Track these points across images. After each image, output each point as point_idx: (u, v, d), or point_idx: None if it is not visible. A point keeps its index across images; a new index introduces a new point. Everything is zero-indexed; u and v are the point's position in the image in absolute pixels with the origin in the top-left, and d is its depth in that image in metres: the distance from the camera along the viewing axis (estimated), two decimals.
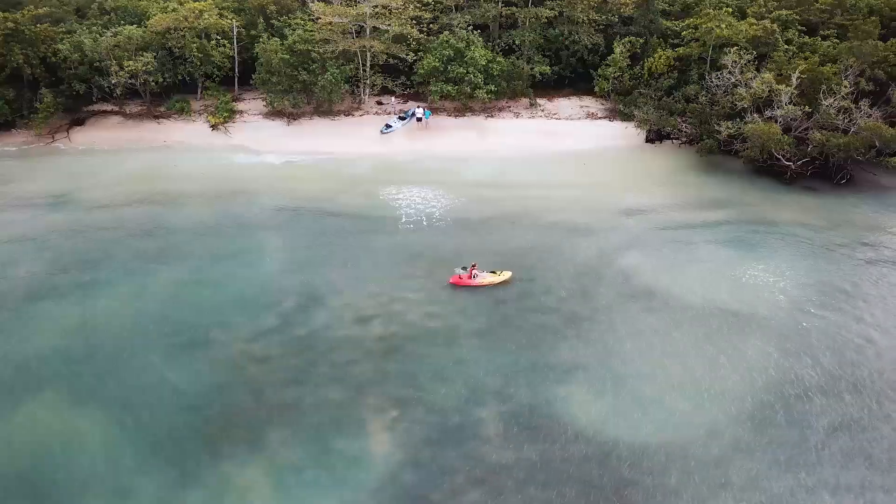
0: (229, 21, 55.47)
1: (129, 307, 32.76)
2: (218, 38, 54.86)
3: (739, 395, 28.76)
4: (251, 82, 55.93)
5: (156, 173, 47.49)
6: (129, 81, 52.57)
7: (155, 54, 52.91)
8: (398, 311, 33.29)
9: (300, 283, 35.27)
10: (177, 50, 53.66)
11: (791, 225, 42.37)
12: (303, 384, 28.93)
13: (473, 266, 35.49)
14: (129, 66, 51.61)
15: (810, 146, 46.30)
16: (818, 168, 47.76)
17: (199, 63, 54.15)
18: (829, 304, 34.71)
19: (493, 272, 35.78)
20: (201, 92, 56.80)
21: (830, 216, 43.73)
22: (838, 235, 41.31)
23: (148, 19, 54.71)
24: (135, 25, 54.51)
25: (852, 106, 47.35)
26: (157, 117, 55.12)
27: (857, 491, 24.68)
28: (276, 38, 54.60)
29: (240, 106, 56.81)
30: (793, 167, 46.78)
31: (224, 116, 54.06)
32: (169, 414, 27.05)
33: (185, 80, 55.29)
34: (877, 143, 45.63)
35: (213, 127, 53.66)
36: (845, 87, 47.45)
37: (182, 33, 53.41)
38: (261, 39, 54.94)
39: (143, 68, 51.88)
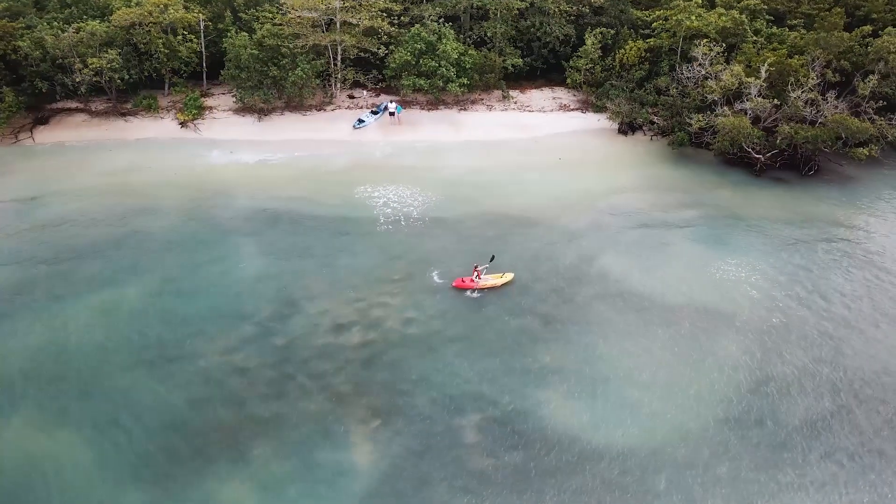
0: (195, 15, 54.34)
1: (102, 322, 32.23)
2: (184, 32, 53.77)
3: (714, 395, 29.40)
4: (220, 77, 55.01)
5: (126, 174, 46.58)
6: (94, 79, 51.36)
7: (119, 50, 51.76)
8: (377, 318, 33.30)
9: (277, 289, 35.08)
10: (142, 46, 52.49)
11: (761, 218, 43.08)
12: (283, 396, 28.91)
13: (476, 268, 35.64)
14: (93, 63, 50.42)
15: (779, 138, 46.99)
16: (787, 159, 48.55)
17: (165, 59, 53.07)
18: (800, 300, 35.47)
19: (496, 275, 35.99)
20: (169, 88, 55.77)
21: (799, 208, 44.53)
22: (806, 228, 42.12)
23: (111, 13, 53.36)
24: (98, 20, 53.12)
25: (819, 98, 48.06)
26: (123, 115, 54.00)
27: (836, 487, 25.43)
28: (245, 33, 53.65)
29: (209, 102, 55.92)
30: (762, 159, 47.48)
31: (193, 113, 53.16)
32: (148, 433, 26.89)
33: (151, 76, 54.17)
34: (843, 135, 46.42)
35: (183, 124, 52.75)
36: (812, 79, 48.11)
37: (147, 28, 52.26)
38: (229, 34, 53.97)
39: (108, 65, 50.72)
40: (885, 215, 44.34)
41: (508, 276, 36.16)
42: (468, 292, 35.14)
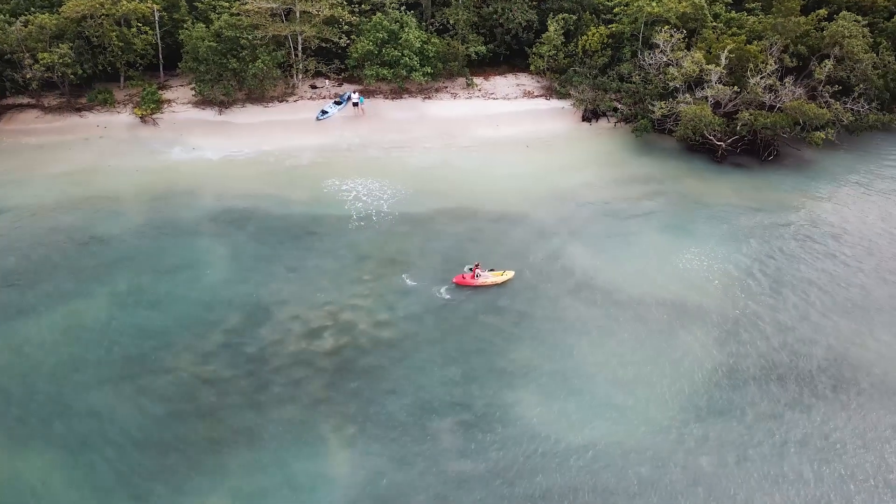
0: (149, 6, 52.73)
1: (66, 338, 31.57)
2: (139, 24, 52.21)
3: (683, 390, 30.17)
4: (178, 69, 53.67)
5: (85, 173, 45.39)
6: (46, 75, 49.76)
7: (71, 44, 50.10)
8: (348, 321, 33.32)
9: (246, 294, 34.82)
10: (95, 39, 50.86)
11: (723, 205, 43.94)
12: (257, 406, 28.90)
13: (476, 266, 35.75)
14: (44, 58, 48.78)
15: (739, 125, 47.75)
16: (747, 145, 49.45)
17: (119, 52, 51.54)
18: (762, 289, 36.41)
19: (496, 272, 36.23)
20: (124, 81, 54.26)
21: (760, 195, 45.49)
22: (767, 215, 43.06)
23: (61, 4, 51.51)
24: (47, 12, 51.28)
25: (778, 83, 48.86)
26: (78, 110, 52.44)
27: (799, 480, 26.43)
28: (202, 24, 52.31)
29: (167, 95, 54.56)
30: (723, 146, 48.26)
31: (151, 107, 51.82)
32: (122, 451, 26.68)
33: (105, 70, 52.62)
34: (801, 121, 47.35)
35: (142, 119, 51.45)
36: (771, 65, 48.84)
37: (99, 20, 50.58)
38: (185, 25, 52.59)
39: (60, 60, 49.11)
40: (841, 198, 45.55)
41: (509, 274, 36.41)
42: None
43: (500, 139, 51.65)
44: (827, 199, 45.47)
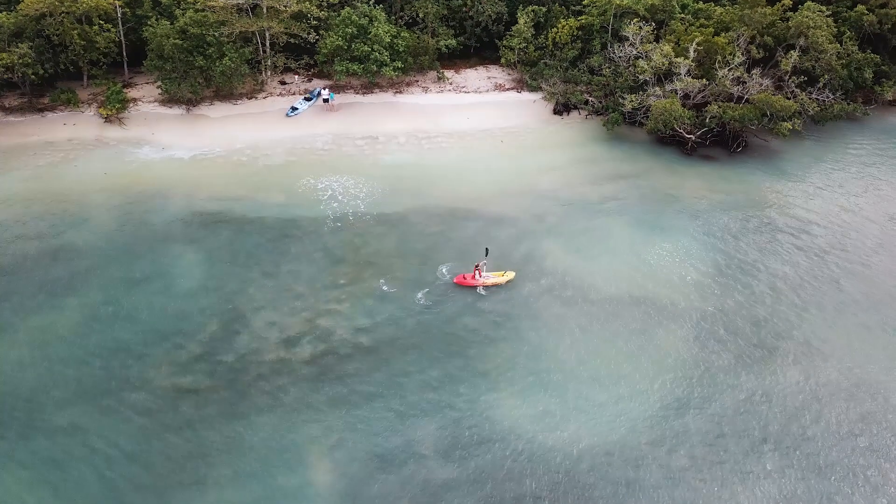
0: (111, 2, 51.42)
1: (36, 354, 31.01)
2: (101, 21, 50.93)
3: (661, 387, 30.74)
4: (143, 67, 52.56)
5: (51, 177, 44.40)
6: (6, 75, 48.45)
7: (31, 43, 48.77)
8: (325, 328, 33.28)
9: (221, 302, 34.55)
10: (55, 37, 49.58)
11: (694, 198, 44.53)
12: (237, 417, 28.83)
13: (477, 267, 35.82)
14: (2, 58, 47.44)
15: (708, 117, 48.29)
16: (716, 136, 50.03)
17: (82, 50, 50.28)
18: (732, 283, 37.10)
19: (497, 272, 36.41)
20: (88, 80, 53.04)
21: (729, 187, 46.18)
22: (736, 207, 43.74)
23: (18, 2, 50.01)
24: (4, 10, 49.76)
25: (745, 75, 49.44)
26: (41, 110, 51.25)
27: (770, 476, 27.16)
28: (166, 20, 51.23)
29: (132, 93, 53.53)
30: (693, 138, 48.80)
31: (117, 107, 50.79)
32: (99, 469, 26.49)
33: (68, 69, 51.36)
34: (768, 112, 48.03)
35: (107, 119, 50.42)
36: (738, 57, 49.37)
37: (59, 18, 49.27)
38: (149, 22, 51.46)
39: (20, 60, 47.83)
40: (807, 188, 46.48)
41: (510, 275, 36.58)
42: (479, 289, 35.63)
43: (473, 133, 51.62)
44: (794, 189, 46.31)
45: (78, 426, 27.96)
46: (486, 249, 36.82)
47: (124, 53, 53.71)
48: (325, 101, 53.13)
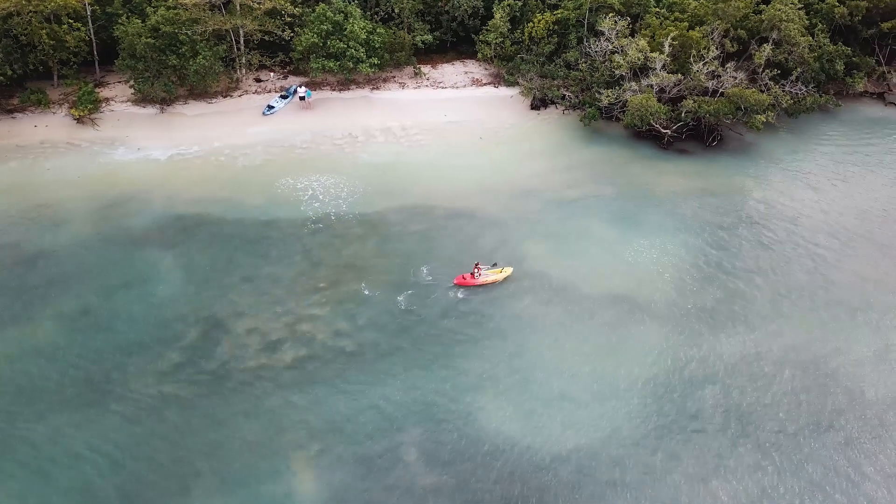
0: (80, 0, 50.43)
1: (16, 365, 30.69)
2: (70, 20, 50.00)
3: (641, 385, 31.17)
4: (114, 66, 51.71)
5: (23, 182, 43.60)
6: None
7: None
8: (306, 332, 33.28)
9: (201, 308, 34.38)
10: (23, 37, 48.60)
11: (671, 194, 44.92)
12: (220, 425, 28.82)
13: (477, 266, 36.00)
14: None
15: (684, 112, 48.70)
16: (692, 130, 50.48)
17: (51, 50, 49.34)
18: (711, 279, 37.62)
19: (495, 269, 36.70)
20: (58, 80, 52.12)
21: (705, 181, 46.69)
22: (712, 202, 44.21)
23: None
24: None
25: (720, 69, 49.89)
26: (10, 111, 50.26)
27: (746, 475, 27.70)
28: (137, 18, 50.42)
29: (104, 92, 52.72)
30: (669, 133, 49.20)
31: (89, 107, 49.90)
32: (83, 480, 26.38)
33: (37, 69, 50.41)
34: (742, 106, 48.54)
35: (79, 120, 49.62)
36: (713, 51, 49.76)
37: (27, 17, 48.26)
38: (119, 20, 50.62)
39: None
40: (782, 181, 47.12)
41: (508, 271, 36.83)
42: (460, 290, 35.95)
43: (451, 130, 51.57)
44: (768, 183, 46.96)
45: (59, 437, 27.79)
46: (495, 263, 37.25)
47: (95, 52, 52.83)
48: (302, 98, 52.76)
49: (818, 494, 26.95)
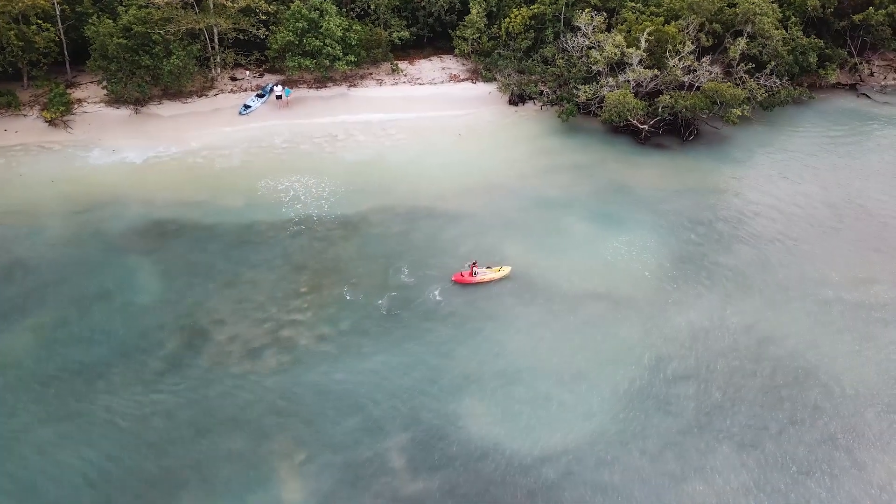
0: (48, 1, 49.42)
1: None
2: (39, 21, 49.02)
3: (623, 384, 31.46)
4: (86, 65, 50.80)
5: None
6: None
7: None
8: (288, 338, 33.21)
9: (181, 316, 34.15)
10: None
11: (649, 189, 45.25)
12: (204, 435, 28.74)
13: (474, 264, 36.11)
14: None
15: (660, 107, 49.01)
16: (669, 125, 50.83)
17: (20, 52, 48.35)
18: (690, 275, 38.00)
19: (493, 268, 36.87)
20: (28, 81, 51.16)
21: (682, 176, 47.10)
22: (689, 197, 44.56)
23: None
24: None
25: (696, 63, 50.23)
26: None
27: (727, 472, 28.16)
28: (108, 18, 49.53)
29: (76, 93, 51.86)
30: (646, 128, 49.52)
31: (61, 109, 49.11)
32: (68, 495, 26.18)
33: (6, 70, 49.44)
34: (718, 101, 48.95)
35: (51, 122, 48.81)
36: (688, 46, 50.06)
37: None
38: (90, 19, 49.72)
39: None
40: (755, 175, 47.71)
41: (506, 270, 36.95)
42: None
43: (430, 127, 51.51)
44: (745, 177, 47.49)
45: (42, 452, 27.58)
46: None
47: (66, 52, 51.90)
48: (278, 97, 52.32)
49: (800, 489, 27.47)
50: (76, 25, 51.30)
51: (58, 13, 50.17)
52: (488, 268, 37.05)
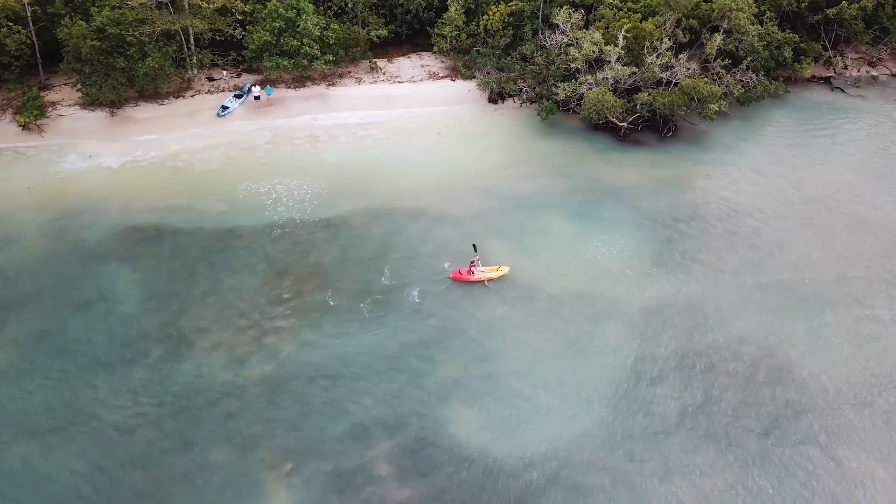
0: (19, 2, 48.52)
1: None
2: (9, 23, 48.13)
3: (605, 388, 31.75)
4: (59, 67, 50.02)
5: None
6: None
7: None
8: (272, 345, 33.17)
9: (164, 325, 33.96)
10: None
11: (628, 188, 45.54)
12: (189, 448, 28.67)
13: (473, 262, 36.19)
14: None
15: (639, 104, 49.33)
16: (647, 122, 51.19)
17: None
18: (669, 273, 38.43)
19: (492, 267, 37.13)
20: None
21: (661, 173, 47.46)
22: (668, 195, 44.88)
23: None
24: None
25: (674, 60, 50.58)
26: None
27: (709, 472, 28.65)
28: (81, 20, 48.74)
29: (50, 96, 51.09)
30: (625, 126, 49.85)
31: (34, 114, 48.36)
32: None
33: None
34: (695, 97, 49.38)
35: (24, 127, 48.07)
36: (666, 43, 50.38)
37: None
38: (63, 21, 48.91)
39: None
40: (732, 170, 48.04)
41: (504, 269, 37.22)
42: (486, 283, 36.61)
43: (410, 126, 51.46)
44: (723, 173, 47.87)
45: (23, 467, 27.38)
46: (475, 245, 37.39)
47: (38, 55, 51.05)
48: (257, 98, 51.95)
49: (785, 489, 28.04)
50: (48, 27, 50.42)
51: (29, 14, 49.30)
52: (488, 267, 37.24)
